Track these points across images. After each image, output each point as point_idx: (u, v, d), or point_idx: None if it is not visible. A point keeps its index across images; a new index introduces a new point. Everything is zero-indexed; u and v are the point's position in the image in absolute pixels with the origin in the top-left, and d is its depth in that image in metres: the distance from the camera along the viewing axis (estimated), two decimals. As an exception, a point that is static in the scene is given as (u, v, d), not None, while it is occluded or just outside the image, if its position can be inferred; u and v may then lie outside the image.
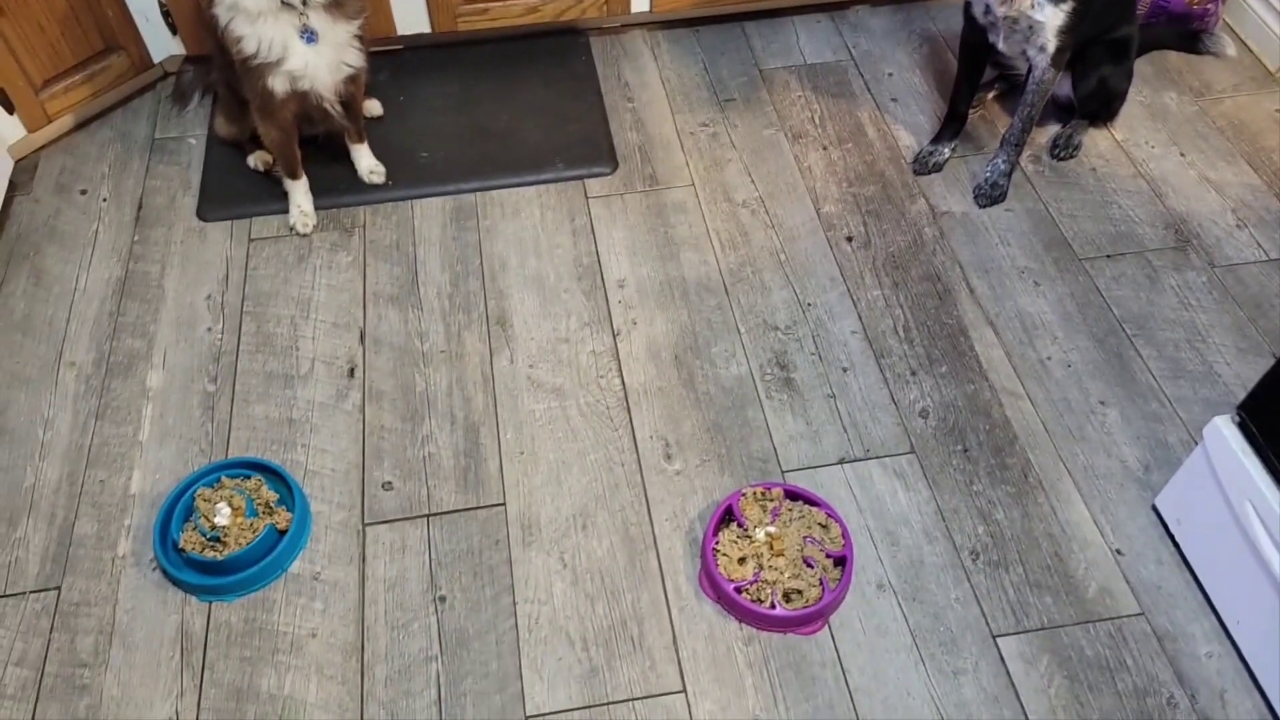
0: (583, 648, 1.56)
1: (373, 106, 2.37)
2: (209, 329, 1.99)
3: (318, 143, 2.23)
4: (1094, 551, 1.66)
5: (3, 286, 2.05)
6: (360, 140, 2.21)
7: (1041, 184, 2.23)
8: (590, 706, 1.50)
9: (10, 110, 2.18)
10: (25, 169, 2.28)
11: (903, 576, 1.63)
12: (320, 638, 1.58)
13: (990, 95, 2.41)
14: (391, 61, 2.51)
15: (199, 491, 1.67)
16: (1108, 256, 2.08)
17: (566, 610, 1.60)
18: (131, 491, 1.75)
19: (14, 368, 1.92)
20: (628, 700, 1.51)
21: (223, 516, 1.63)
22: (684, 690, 1.52)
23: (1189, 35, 2.49)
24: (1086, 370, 1.89)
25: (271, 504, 1.67)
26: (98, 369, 1.92)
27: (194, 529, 1.63)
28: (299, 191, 2.15)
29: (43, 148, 2.32)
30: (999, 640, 1.56)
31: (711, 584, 1.60)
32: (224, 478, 1.70)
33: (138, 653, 1.56)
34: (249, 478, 1.71)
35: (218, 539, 1.61)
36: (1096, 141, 2.31)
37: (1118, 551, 1.66)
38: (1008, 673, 1.53)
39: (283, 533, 1.65)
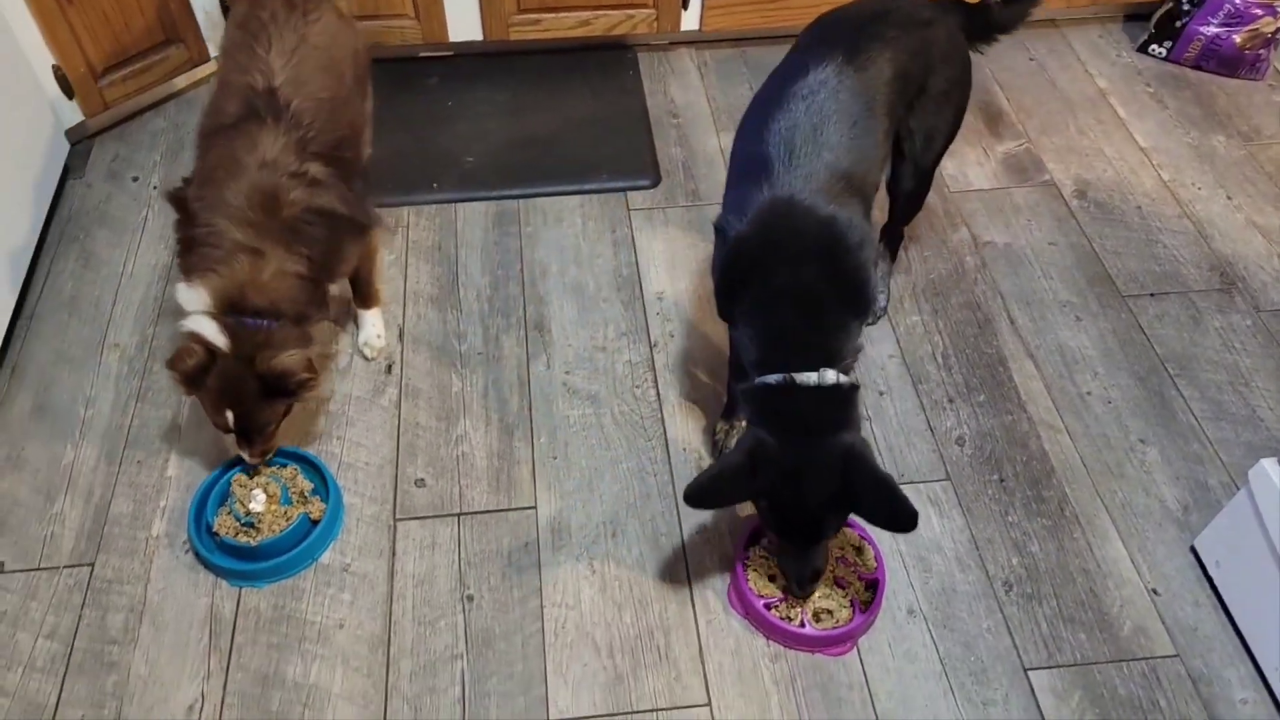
0: (609, 655, 1.55)
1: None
2: (251, 319, 2.00)
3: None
4: (1130, 590, 1.63)
5: (52, 266, 2.09)
6: (368, 306, 1.93)
7: (1085, 219, 2.22)
8: (614, 715, 1.49)
9: (70, 95, 2.22)
10: (79, 154, 2.31)
11: (934, 603, 1.61)
12: (348, 629, 1.58)
13: None
14: (442, 67, 2.54)
15: (235, 477, 1.68)
16: (1151, 295, 2.07)
17: (594, 616, 1.59)
18: (168, 474, 1.76)
19: (59, 347, 1.95)
20: (652, 710, 1.50)
21: (258, 503, 1.64)
22: (709, 704, 1.50)
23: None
24: (1127, 407, 1.88)
25: (306, 493, 1.68)
26: (140, 352, 1.94)
27: (229, 514, 1.64)
28: None
29: (98, 134, 2.36)
30: (1030, 674, 1.54)
31: (740, 599, 1.59)
32: (261, 465, 1.71)
33: (167, 633, 1.57)
34: (285, 466, 1.72)
35: (252, 525, 1.62)
36: (1142, 179, 2.30)
37: (1154, 591, 1.63)
38: (1038, 707, 1.50)
39: (315, 522, 1.65)
